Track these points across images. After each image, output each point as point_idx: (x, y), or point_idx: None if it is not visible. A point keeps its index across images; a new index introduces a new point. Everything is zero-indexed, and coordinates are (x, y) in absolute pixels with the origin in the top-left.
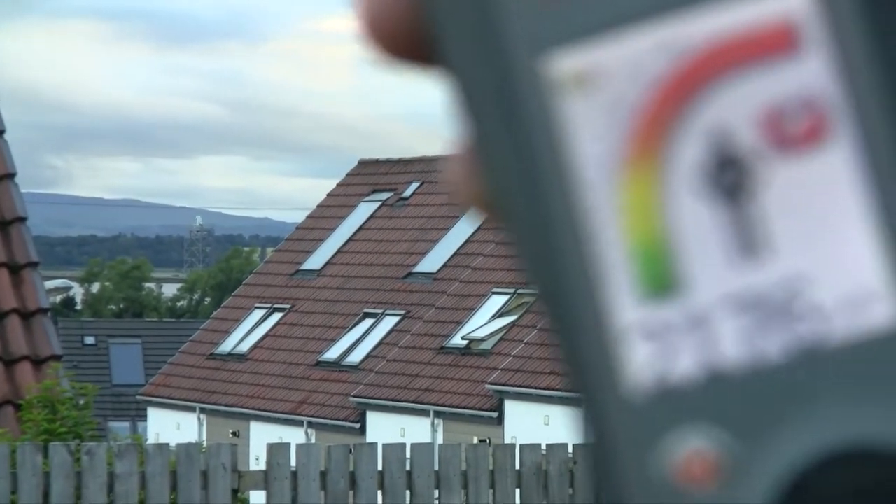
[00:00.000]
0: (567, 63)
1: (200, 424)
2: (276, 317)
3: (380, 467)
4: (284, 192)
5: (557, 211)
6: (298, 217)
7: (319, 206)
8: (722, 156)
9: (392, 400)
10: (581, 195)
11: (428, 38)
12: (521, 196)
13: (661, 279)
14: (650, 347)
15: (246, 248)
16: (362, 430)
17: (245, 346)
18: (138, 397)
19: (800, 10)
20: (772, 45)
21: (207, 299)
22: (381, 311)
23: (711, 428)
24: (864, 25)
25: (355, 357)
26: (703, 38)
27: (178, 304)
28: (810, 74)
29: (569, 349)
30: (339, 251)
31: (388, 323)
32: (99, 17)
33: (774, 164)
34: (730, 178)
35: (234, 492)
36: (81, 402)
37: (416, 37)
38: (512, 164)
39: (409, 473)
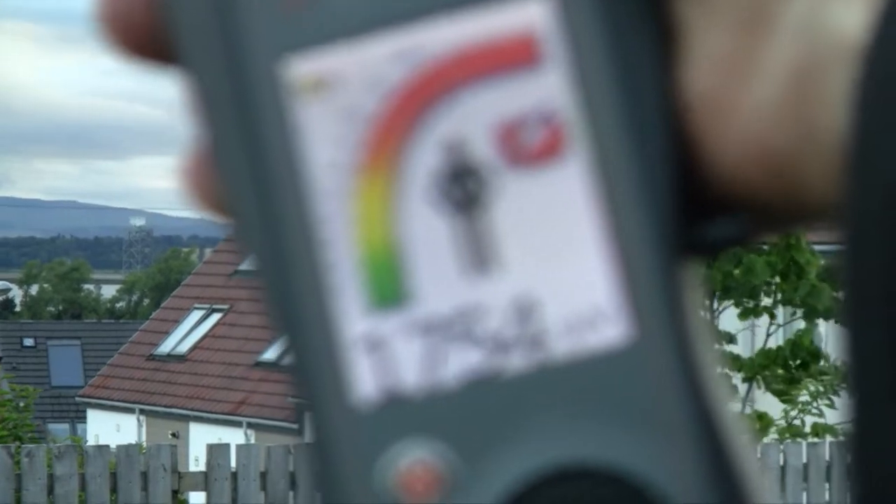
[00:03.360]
0: (305, 68)
1: (140, 426)
2: (215, 317)
3: None
4: None
5: (289, 217)
6: None
7: None
8: (457, 168)
9: None
10: (314, 202)
11: (167, 37)
12: (253, 201)
13: (391, 290)
14: (376, 358)
15: (185, 249)
16: (301, 431)
17: (184, 347)
18: (78, 399)
19: (540, 24)
20: (511, 57)
21: (146, 300)
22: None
23: (434, 442)
24: (603, 42)
25: (283, 353)
26: (442, 48)
27: (118, 305)
28: (548, 89)
29: (297, 356)
30: None
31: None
32: (36, 20)
33: (509, 178)
34: (464, 190)
35: (175, 493)
36: (21, 404)
37: (155, 34)
38: (245, 168)
39: None
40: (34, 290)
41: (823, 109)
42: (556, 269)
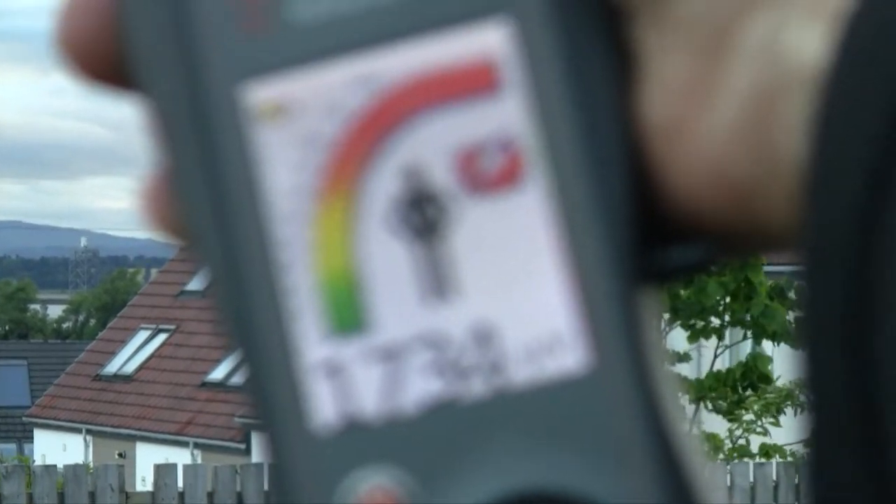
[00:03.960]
0: (264, 93)
1: (87, 446)
2: (162, 337)
3: (266, 487)
4: None
5: (248, 242)
6: None
7: None
8: (416, 194)
9: None
10: (273, 227)
11: (127, 61)
12: (212, 225)
13: (350, 316)
14: (336, 384)
15: (131, 270)
16: (248, 451)
17: (131, 368)
18: (24, 419)
19: (499, 50)
20: (470, 84)
21: (93, 320)
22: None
23: (394, 468)
24: (562, 68)
25: (241, 377)
26: (401, 74)
27: (64, 325)
28: (507, 115)
29: (255, 381)
30: None
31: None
32: None
33: (468, 204)
34: (423, 216)
35: None
36: None
37: (114, 59)
38: (205, 192)
39: None
40: None
41: (783, 134)
42: (515, 296)
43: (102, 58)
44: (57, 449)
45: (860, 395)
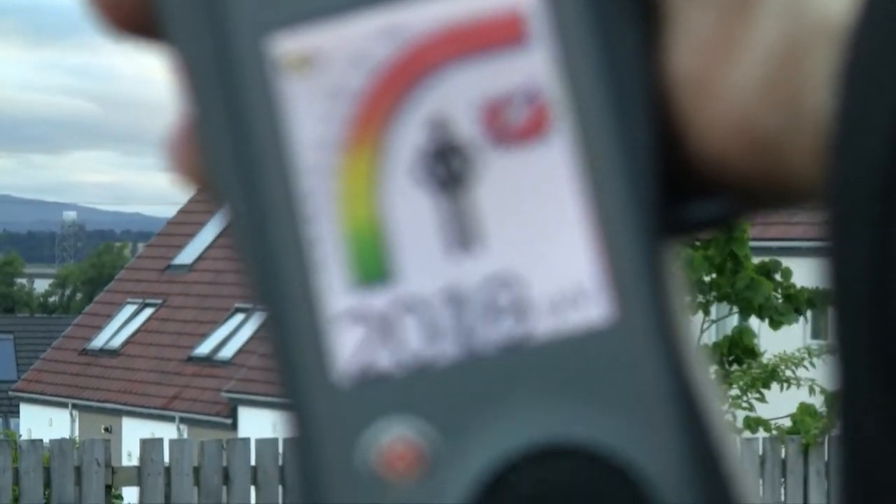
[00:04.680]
0: (290, 45)
1: (73, 420)
2: (148, 312)
3: (253, 462)
4: (156, 188)
5: (273, 193)
6: (170, 212)
7: (190, 200)
8: (441, 145)
9: (264, 395)
10: (298, 178)
11: (154, 12)
12: (236, 176)
13: (375, 266)
14: (358, 335)
15: (117, 244)
16: (234, 426)
17: (117, 342)
18: (10, 393)
19: (526, 3)
20: (497, 36)
21: (79, 295)
22: (253, 305)
23: (415, 419)
24: (589, 21)
25: (227, 352)
26: (428, 26)
27: (51, 299)
28: (533, 68)
29: (278, 332)
30: (210, 246)
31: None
32: None
33: (493, 156)
34: (448, 168)
35: (108, 487)
36: None
37: (141, 9)
38: (230, 143)
39: (283, 468)
40: None
41: (808, 90)
42: (540, 248)
43: (129, 9)
44: (43, 423)
45: (883, 362)
